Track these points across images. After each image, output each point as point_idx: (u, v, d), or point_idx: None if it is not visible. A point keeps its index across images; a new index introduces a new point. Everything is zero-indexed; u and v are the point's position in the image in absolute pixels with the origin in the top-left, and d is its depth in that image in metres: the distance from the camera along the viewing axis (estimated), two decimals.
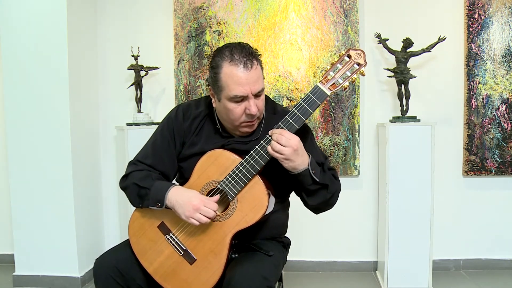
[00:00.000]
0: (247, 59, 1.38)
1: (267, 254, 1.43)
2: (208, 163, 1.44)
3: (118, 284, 1.43)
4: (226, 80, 1.39)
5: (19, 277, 2.76)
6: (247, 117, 1.43)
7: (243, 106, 1.41)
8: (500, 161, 2.81)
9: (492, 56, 2.78)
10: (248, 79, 1.37)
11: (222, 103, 1.44)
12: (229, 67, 1.38)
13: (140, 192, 1.46)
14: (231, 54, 1.39)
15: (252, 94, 1.39)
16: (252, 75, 1.38)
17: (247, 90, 1.38)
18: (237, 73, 1.37)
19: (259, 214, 1.38)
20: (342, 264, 2.96)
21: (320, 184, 1.42)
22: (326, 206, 1.51)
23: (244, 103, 1.40)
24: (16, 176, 2.73)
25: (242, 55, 1.38)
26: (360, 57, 1.39)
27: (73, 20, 2.69)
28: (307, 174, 1.39)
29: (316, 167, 1.42)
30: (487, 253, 2.90)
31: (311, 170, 1.39)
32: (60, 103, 2.65)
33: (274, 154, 1.35)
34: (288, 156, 1.34)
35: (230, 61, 1.38)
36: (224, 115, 1.47)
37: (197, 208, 1.37)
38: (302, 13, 2.84)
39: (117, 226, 3.07)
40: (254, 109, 1.40)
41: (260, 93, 1.42)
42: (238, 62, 1.37)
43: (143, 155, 1.58)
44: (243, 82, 1.37)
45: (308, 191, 1.45)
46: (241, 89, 1.37)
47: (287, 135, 1.35)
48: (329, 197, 1.46)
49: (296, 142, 1.35)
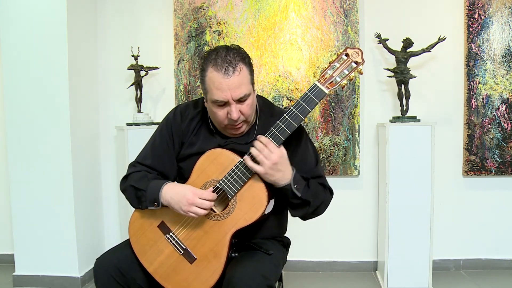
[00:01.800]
0: (229, 65, 1.37)
1: (267, 253, 1.44)
2: (208, 162, 1.45)
3: (118, 284, 1.43)
4: (209, 84, 1.40)
5: (19, 277, 2.76)
6: (229, 121, 1.43)
7: (225, 110, 1.41)
8: (500, 161, 2.81)
9: (492, 56, 2.78)
10: (229, 85, 1.36)
11: (209, 105, 1.46)
12: (212, 72, 1.39)
13: (138, 194, 1.46)
14: (215, 58, 1.38)
15: (233, 100, 1.38)
16: (233, 81, 1.37)
17: (227, 95, 1.37)
18: (217, 79, 1.37)
19: (258, 212, 1.39)
20: (342, 264, 2.96)
21: (302, 199, 1.42)
22: (311, 217, 1.52)
23: (227, 107, 1.40)
24: (16, 176, 2.73)
25: (226, 60, 1.37)
26: (358, 56, 1.40)
27: (73, 20, 2.69)
28: (289, 189, 1.39)
29: (300, 181, 1.42)
30: (487, 253, 2.90)
31: (293, 186, 1.39)
32: (60, 103, 2.65)
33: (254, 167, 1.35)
34: (267, 170, 1.35)
35: (213, 65, 1.38)
36: (212, 116, 1.49)
37: (192, 202, 1.37)
38: (302, 13, 2.84)
39: (117, 226, 3.07)
40: (235, 115, 1.39)
41: (244, 98, 1.40)
42: (219, 68, 1.37)
43: (142, 156, 1.58)
44: (223, 87, 1.37)
45: (290, 204, 1.47)
46: (221, 94, 1.38)
47: (271, 148, 1.35)
48: (311, 211, 1.47)
49: (277, 157, 1.34)
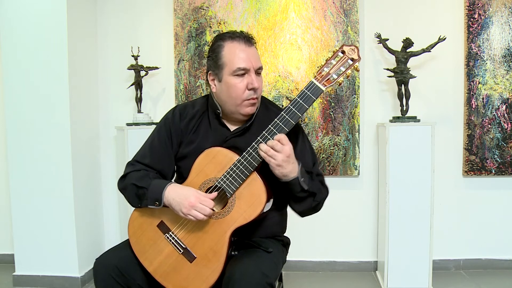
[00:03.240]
0: (247, 37, 1.48)
1: (266, 250, 1.44)
2: (206, 161, 1.45)
3: (118, 283, 1.43)
4: (229, 55, 1.45)
5: (19, 277, 2.76)
6: (249, 93, 1.45)
7: (245, 81, 1.45)
8: (500, 161, 2.80)
9: (492, 56, 2.78)
10: (250, 54, 1.45)
11: (224, 82, 1.47)
12: (232, 44, 1.46)
13: (138, 192, 1.46)
14: (232, 35, 1.48)
15: (254, 69, 1.45)
16: (253, 52, 1.47)
17: (250, 63, 1.44)
18: (239, 47, 1.45)
19: (257, 210, 1.39)
20: (342, 264, 2.96)
21: (309, 192, 1.44)
22: (312, 212, 1.53)
23: (246, 77, 1.45)
24: (16, 176, 2.73)
25: (243, 35, 1.48)
26: (354, 53, 1.41)
27: (73, 20, 2.69)
28: (296, 182, 1.41)
29: (305, 175, 1.44)
30: (487, 253, 2.90)
31: (300, 179, 1.40)
32: (60, 103, 2.65)
33: (266, 158, 1.37)
34: (279, 162, 1.36)
35: (232, 39, 1.46)
36: (226, 94, 1.48)
37: (193, 206, 1.37)
38: (302, 13, 2.84)
39: (117, 226, 3.07)
40: (256, 83, 1.45)
41: (260, 71, 1.49)
42: (239, 40, 1.46)
43: (140, 155, 1.59)
44: (245, 56, 1.44)
45: (296, 198, 1.47)
46: (243, 62, 1.44)
47: (284, 141, 1.37)
48: (315, 205, 1.49)
49: (289, 150, 1.37)
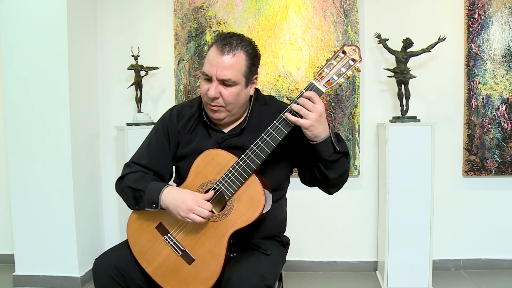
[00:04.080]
0: (227, 45, 1.39)
1: (265, 253, 1.43)
2: (205, 162, 1.44)
3: (117, 284, 1.43)
4: (206, 58, 1.44)
5: (19, 277, 2.76)
6: (207, 98, 1.44)
7: (207, 86, 1.43)
8: (500, 161, 2.80)
9: (492, 56, 2.77)
10: (218, 62, 1.39)
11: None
12: (212, 47, 1.43)
13: (135, 195, 1.46)
14: (220, 38, 1.43)
15: (216, 78, 1.40)
16: (223, 60, 1.38)
17: (212, 71, 1.40)
18: (212, 54, 1.41)
19: (256, 213, 1.38)
20: (342, 264, 2.96)
21: (341, 152, 1.38)
22: (343, 180, 1.47)
23: (209, 84, 1.42)
24: (16, 176, 2.73)
25: (226, 41, 1.40)
26: (355, 53, 1.37)
27: (73, 20, 2.69)
28: (329, 142, 1.35)
29: (336, 135, 1.40)
30: (487, 253, 2.90)
31: (333, 139, 1.36)
32: (60, 103, 2.65)
33: (298, 120, 1.32)
34: (312, 122, 1.31)
35: (215, 42, 1.43)
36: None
37: (191, 209, 1.36)
38: (302, 13, 2.84)
39: (117, 226, 3.07)
40: (211, 92, 1.40)
41: (229, 83, 1.41)
42: (217, 45, 1.41)
43: (138, 156, 1.58)
44: (212, 62, 1.40)
45: (327, 162, 1.39)
46: (208, 67, 1.41)
47: (316, 99, 1.32)
48: (347, 167, 1.44)
49: (322, 108, 1.32)
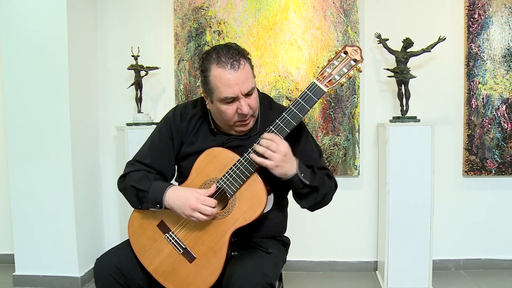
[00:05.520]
0: (234, 60, 1.37)
1: (266, 251, 1.43)
2: (207, 161, 1.45)
3: (118, 283, 1.43)
4: (215, 83, 1.39)
5: (19, 277, 2.76)
6: (240, 116, 1.43)
7: (235, 106, 1.41)
8: (500, 161, 2.80)
9: (492, 56, 2.78)
10: (237, 79, 1.37)
11: (215, 105, 1.44)
12: (217, 70, 1.38)
13: (139, 195, 1.46)
14: (218, 56, 1.39)
15: (242, 94, 1.39)
16: (240, 75, 1.37)
17: (237, 90, 1.38)
18: (225, 75, 1.37)
19: (257, 211, 1.38)
20: (342, 264, 2.96)
21: (311, 187, 1.43)
22: (320, 205, 1.52)
23: (236, 103, 1.40)
24: (16, 176, 2.73)
25: (229, 56, 1.38)
26: (357, 53, 1.39)
27: (73, 20, 2.69)
28: (297, 179, 1.40)
29: (305, 170, 1.43)
30: (487, 253, 2.90)
31: (300, 174, 1.40)
32: (60, 103, 2.65)
33: (263, 162, 1.35)
34: (277, 163, 1.35)
35: (217, 63, 1.38)
36: (218, 116, 1.48)
37: (195, 208, 1.37)
38: (302, 13, 2.84)
39: (117, 226, 3.07)
40: (245, 109, 1.39)
41: (251, 92, 1.41)
42: (225, 64, 1.37)
43: (141, 155, 1.58)
44: (231, 83, 1.37)
45: (300, 194, 1.47)
46: (230, 90, 1.37)
47: (277, 140, 1.36)
48: (320, 199, 1.48)
49: (286, 148, 1.36)
